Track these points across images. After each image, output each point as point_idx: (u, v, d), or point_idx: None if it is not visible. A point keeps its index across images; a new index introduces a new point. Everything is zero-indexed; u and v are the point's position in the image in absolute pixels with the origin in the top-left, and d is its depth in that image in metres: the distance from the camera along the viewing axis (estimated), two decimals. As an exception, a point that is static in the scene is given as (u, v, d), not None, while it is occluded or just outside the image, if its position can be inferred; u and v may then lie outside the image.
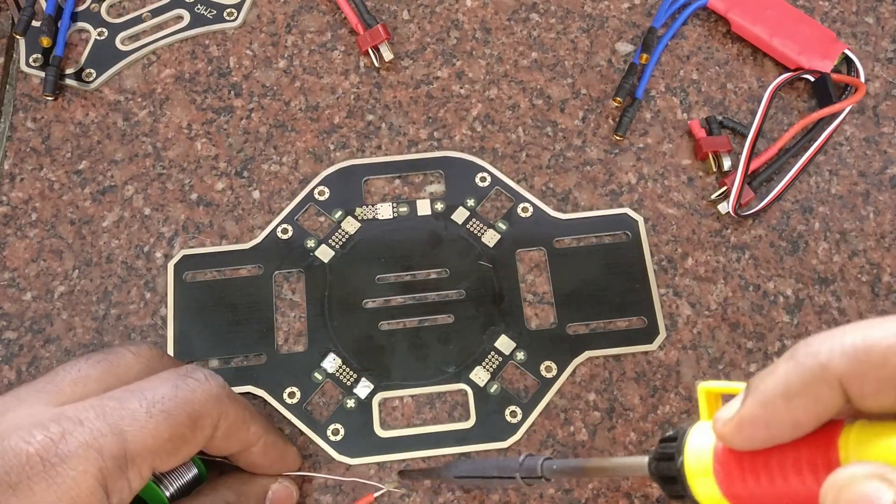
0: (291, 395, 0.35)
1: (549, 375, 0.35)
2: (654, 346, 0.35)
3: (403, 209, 0.38)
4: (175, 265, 0.37)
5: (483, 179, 0.38)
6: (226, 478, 0.30)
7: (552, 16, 0.42)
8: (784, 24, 0.40)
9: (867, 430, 0.18)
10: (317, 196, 0.38)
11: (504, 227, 0.38)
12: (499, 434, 0.34)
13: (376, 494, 0.33)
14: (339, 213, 0.38)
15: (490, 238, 0.37)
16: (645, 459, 0.23)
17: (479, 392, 0.35)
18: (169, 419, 0.26)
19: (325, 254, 0.37)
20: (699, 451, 0.22)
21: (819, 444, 0.19)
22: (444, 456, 0.34)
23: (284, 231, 0.37)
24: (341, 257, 0.37)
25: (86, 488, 0.24)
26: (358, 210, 0.38)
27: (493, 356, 0.35)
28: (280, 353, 0.35)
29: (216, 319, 0.36)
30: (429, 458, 0.34)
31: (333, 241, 0.37)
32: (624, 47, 0.41)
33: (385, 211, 0.38)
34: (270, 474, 0.31)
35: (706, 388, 0.22)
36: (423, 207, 0.38)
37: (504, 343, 0.35)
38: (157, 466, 0.26)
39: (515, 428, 0.34)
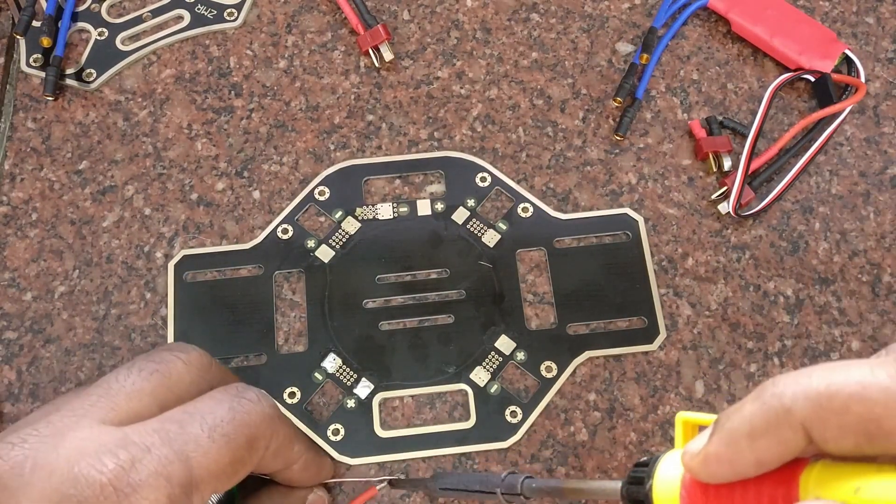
0: (292, 395, 0.35)
1: (550, 375, 0.35)
2: (654, 346, 0.35)
3: (404, 209, 0.38)
4: (175, 265, 0.37)
5: (483, 179, 0.38)
6: (263, 494, 0.31)
7: (552, 16, 0.42)
8: (784, 25, 0.40)
9: (828, 471, 0.19)
10: (317, 196, 0.38)
11: (504, 228, 0.38)
12: (499, 434, 0.34)
13: (379, 487, 0.33)
14: (340, 213, 0.38)
15: (490, 238, 0.37)
16: (618, 484, 0.24)
17: (480, 392, 0.35)
18: (230, 443, 0.26)
19: (325, 254, 0.37)
20: (668, 479, 0.23)
21: (781, 480, 0.20)
22: (444, 456, 0.34)
23: (285, 231, 0.37)
24: (341, 257, 0.37)
25: None
26: (358, 210, 0.38)
27: (493, 356, 0.35)
28: (280, 353, 0.35)
29: (216, 319, 0.36)
30: (429, 458, 0.34)
31: (334, 241, 0.37)
32: (624, 47, 0.41)
33: (385, 211, 0.38)
34: (306, 487, 0.31)
35: (683, 419, 0.23)
36: (424, 207, 0.38)
37: (504, 343, 0.35)
38: (217, 490, 0.26)
39: (516, 428, 0.34)
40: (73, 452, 0.24)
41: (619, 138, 0.39)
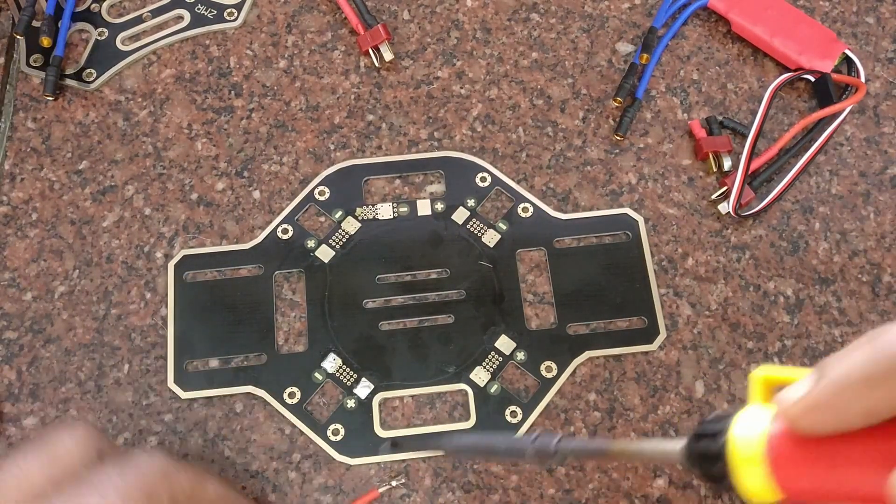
0: (292, 395, 0.35)
1: (550, 375, 0.35)
2: (654, 347, 0.35)
3: (404, 209, 0.38)
4: (175, 265, 0.37)
5: (483, 179, 0.38)
6: None
7: (552, 16, 0.42)
8: (784, 25, 0.40)
9: None
10: (317, 196, 0.38)
11: (504, 228, 0.38)
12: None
13: (382, 489, 0.33)
14: (340, 213, 0.38)
15: (490, 238, 0.37)
16: (679, 443, 0.22)
17: (480, 392, 0.35)
18: (125, 501, 0.25)
19: (325, 254, 0.37)
20: (748, 435, 0.21)
21: (890, 434, 0.18)
22: (444, 456, 0.34)
23: (285, 231, 0.37)
24: (342, 257, 0.37)
25: None
26: (358, 210, 0.38)
27: (493, 356, 0.35)
28: (280, 353, 0.35)
29: (216, 319, 0.36)
30: (428, 458, 0.34)
31: (334, 241, 0.37)
32: (624, 47, 0.41)
33: (385, 211, 0.38)
34: None
35: (765, 376, 0.21)
36: (424, 207, 0.38)
37: (504, 343, 0.35)
38: None
39: (516, 428, 0.34)
40: None
41: (619, 138, 0.39)
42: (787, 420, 0.20)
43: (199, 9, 0.42)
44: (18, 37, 0.41)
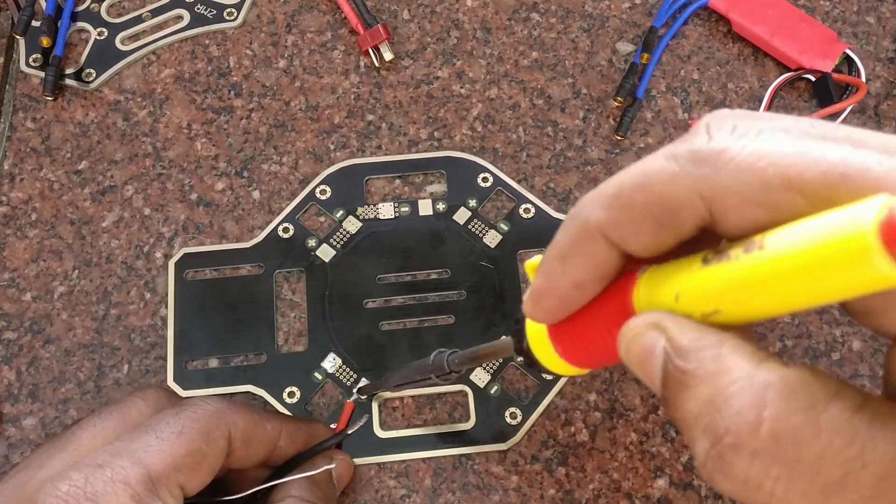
0: (291, 394, 0.35)
1: (550, 377, 0.35)
2: None
3: (405, 209, 0.38)
4: (176, 263, 0.37)
5: (485, 180, 0.38)
6: (289, 480, 0.31)
7: (553, 15, 0.42)
8: (785, 24, 0.40)
9: (654, 278, 0.19)
10: (318, 195, 0.38)
11: (506, 228, 0.37)
12: (499, 435, 0.34)
13: (351, 400, 0.34)
14: (341, 212, 0.38)
15: (491, 238, 0.37)
16: (510, 340, 0.25)
17: (480, 393, 0.35)
18: (181, 437, 0.27)
19: (325, 253, 0.37)
20: (537, 329, 0.23)
21: (615, 298, 0.20)
22: (444, 457, 0.34)
23: (286, 230, 0.37)
24: (342, 257, 0.37)
25: None
26: (359, 209, 0.38)
27: None
28: (280, 353, 0.35)
29: (216, 318, 0.36)
30: (428, 458, 0.34)
31: (335, 240, 0.37)
32: (625, 47, 0.41)
33: (386, 210, 0.38)
34: (314, 453, 0.32)
35: (530, 264, 0.23)
36: (425, 207, 0.38)
37: None
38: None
39: (516, 429, 0.34)
40: (35, 487, 0.26)
41: (619, 138, 0.39)
42: (531, 317, 0.22)
43: (198, 8, 0.42)
44: (18, 36, 0.41)
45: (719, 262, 0.17)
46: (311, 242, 0.37)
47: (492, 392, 0.35)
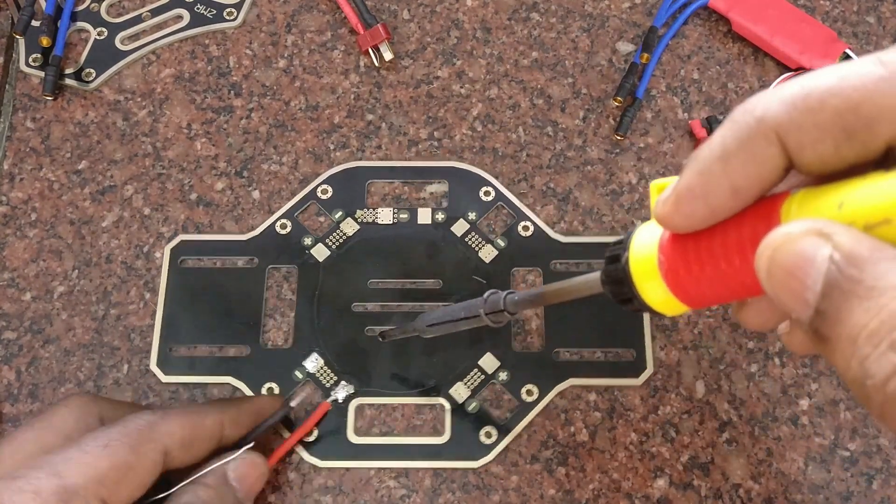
0: (270, 390, 0.35)
1: (530, 399, 0.34)
2: (639, 382, 0.35)
3: (404, 216, 0.38)
4: (172, 249, 0.37)
5: (487, 194, 0.38)
6: (187, 481, 0.30)
7: (553, 15, 0.42)
8: (785, 24, 0.40)
9: (811, 195, 0.17)
10: (319, 194, 0.38)
11: (503, 244, 0.37)
12: (471, 453, 0.33)
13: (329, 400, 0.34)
14: (340, 213, 0.38)
15: (487, 253, 0.37)
16: (596, 275, 0.22)
17: (458, 409, 0.34)
18: (105, 450, 0.27)
19: (320, 253, 0.37)
20: (645, 247, 0.20)
21: (761, 216, 0.18)
22: (414, 469, 0.33)
23: (283, 226, 0.37)
24: (336, 258, 0.37)
25: None
26: (358, 212, 0.38)
27: (475, 373, 0.35)
28: (264, 348, 0.35)
29: (205, 307, 0.36)
30: (397, 468, 0.33)
31: (330, 241, 0.37)
32: (625, 47, 0.41)
33: (385, 216, 0.38)
34: (247, 430, 0.32)
35: (658, 184, 0.21)
36: (424, 216, 0.38)
37: (488, 361, 0.35)
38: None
39: (489, 449, 0.34)
40: None
41: (619, 138, 0.39)
42: (662, 222, 0.19)
43: (198, 8, 0.42)
44: (18, 36, 0.41)
45: None
46: (307, 241, 0.37)
47: (469, 409, 0.34)
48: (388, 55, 0.40)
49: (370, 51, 0.40)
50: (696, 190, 0.18)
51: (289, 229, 0.37)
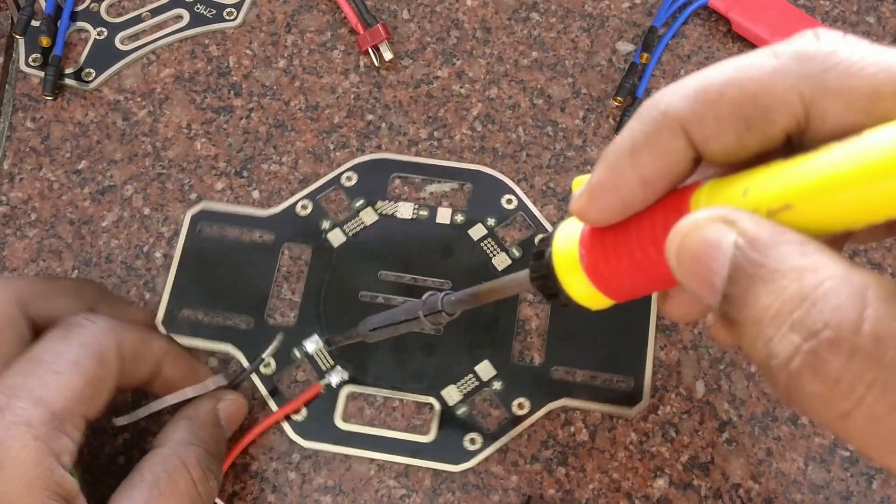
0: (266, 365, 0.35)
1: (520, 413, 0.34)
2: (632, 413, 0.34)
3: (423, 213, 0.37)
4: (193, 216, 0.37)
5: (509, 202, 0.38)
6: (175, 417, 0.31)
7: (552, 15, 0.42)
8: (785, 24, 0.40)
9: (718, 185, 0.18)
10: (343, 181, 0.38)
11: (517, 254, 0.37)
12: (453, 457, 0.33)
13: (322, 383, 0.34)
14: (361, 202, 0.38)
15: (500, 261, 0.36)
16: (527, 271, 0.23)
17: (447, 410, 0.34)
18: (77, 368, 0.26)
19: (336, 238, 0.37)
20: (567, 242, 0.21)
21: (672, 206, 0.19)
22: (394, 463, 0.33)
23: (304, 207, 0.37)
24: (351, 245, 0.37)
25: (31, 460, 0.24)
26: (379, 203, 0.38)
27: (470, 379, 0.34)
28: (267, 323, 0.36)
29: (216, 275, 0.36)
30: (376, 460, 0.33)
31: (348, 227, 0.37)
32: (624, 47, 0.41)
33: (405, 210, 0.38)
34: (189, 385, 0.32)
35: (578, 180, 0.22)
36: (444, 215, 0.37)
37: (485, 369, 0.35)
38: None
39: (471, 455, 0.33)
40: None
41: (619, 138, 0.39)
42: (578, 216, 0.20)
43: (198, 8, 0.42)
44: (17, 36, 0.41)
45: (804, 153, 0.16)
46: (325, 224, 0.37)
47: (458, 413, 0.34)
48: (387, 55, 0.40)
49: (370, 51, 0.40)
50: (607, 183, 0.19)
51: (309, 210, 0.37)
